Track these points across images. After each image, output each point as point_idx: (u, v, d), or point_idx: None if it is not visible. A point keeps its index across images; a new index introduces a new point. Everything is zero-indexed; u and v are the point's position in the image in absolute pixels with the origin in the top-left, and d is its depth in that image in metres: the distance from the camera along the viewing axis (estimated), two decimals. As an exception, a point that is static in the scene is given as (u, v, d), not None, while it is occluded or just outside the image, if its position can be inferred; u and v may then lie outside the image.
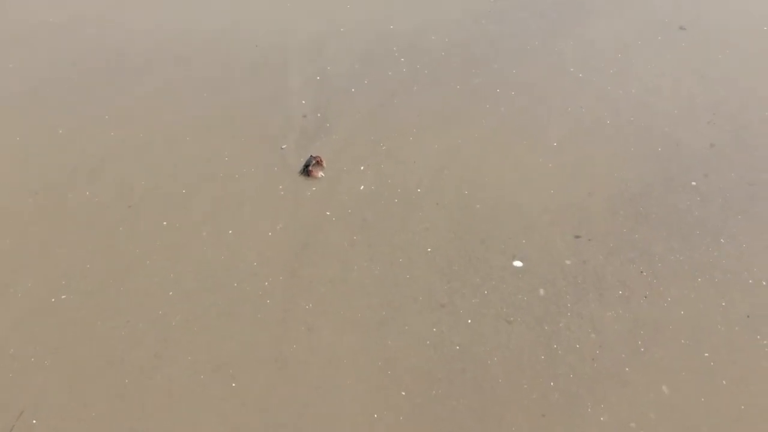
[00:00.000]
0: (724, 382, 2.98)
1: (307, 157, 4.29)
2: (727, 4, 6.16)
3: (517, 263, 3.55)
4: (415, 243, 3.69)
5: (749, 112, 4.68)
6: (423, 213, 3.88)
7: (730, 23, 5.83)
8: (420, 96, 4.93)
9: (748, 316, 3.26)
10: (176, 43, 5.59)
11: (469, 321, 3.24)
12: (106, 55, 5.39)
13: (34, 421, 2.84)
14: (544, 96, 4.92)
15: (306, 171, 4.24)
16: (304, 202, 3.96)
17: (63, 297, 3.32)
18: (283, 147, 4.42)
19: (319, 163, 4.27)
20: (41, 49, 5.46)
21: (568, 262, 3.56)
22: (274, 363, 3.05)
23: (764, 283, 3.43)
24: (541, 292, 3.39)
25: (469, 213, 3.87)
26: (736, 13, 5.99)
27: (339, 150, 4.37)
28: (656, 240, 3.69)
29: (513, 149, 4.38)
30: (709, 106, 4.76)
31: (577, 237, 3.71)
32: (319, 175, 4.22)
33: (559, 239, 3.70)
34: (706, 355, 3.09)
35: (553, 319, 3.24)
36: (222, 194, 4.00)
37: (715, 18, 5.92)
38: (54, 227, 3.75)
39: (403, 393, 2.95)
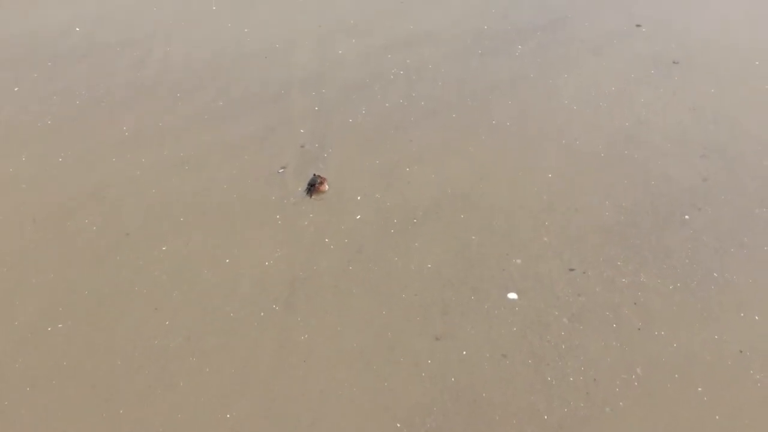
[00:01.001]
0: (717, 417, 3.00)
1: (311, 176, 4.36)
2: (720, 38, 6.27)
3: (512, 295, 3.57)
4: (411, 274, 3.71)
5: (741, 146, 4.75)
6: (419, 243, 3.91)
7: (723, 58, 5.93)
8: (417, 126, 4.98)
9: (740, 351, 3.28)
10: (175, 73, 5.66)
11: (464, 353, 3.25)
12: (107, 83, 5.44)
13: (28, 452, 2.84)
14: (539, 127, 4.98)
15: (310, 190, 4.30)
16: (300, 231, 3.99)
17: (59, 325, 3.33)
18: (280, 171, 4.46)
19: (322, 182, 4.34)
20: (46, 74, 5.52)
21: (562, 294, 3.59)
22: (269, 394, 3.05)
23: (756, 317, 3.46)
24: (536, 324, 3.41)
25: (465, 244, 3.91)
26: (728, 48, 6.10)
27: (336, 179, 4.41)
28: (649, 274, 3.73)
29: (508, 181, 4.42)
30: (701, 140, 4.83)
31: (572, 270, 3.75)
32: (325, 188, 4.30)
33: (554, 272, 3.73)
34: (700, 389, 3.11)
35: (547, 352, 3.26)
36: (219, 223, 4.03)
37: (707, 53, 6.02)
38: (52, 254, 3.77)
39: (398, 425, 2.95)
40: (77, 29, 6.32)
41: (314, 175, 4.38)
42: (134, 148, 4.65)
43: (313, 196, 4.28)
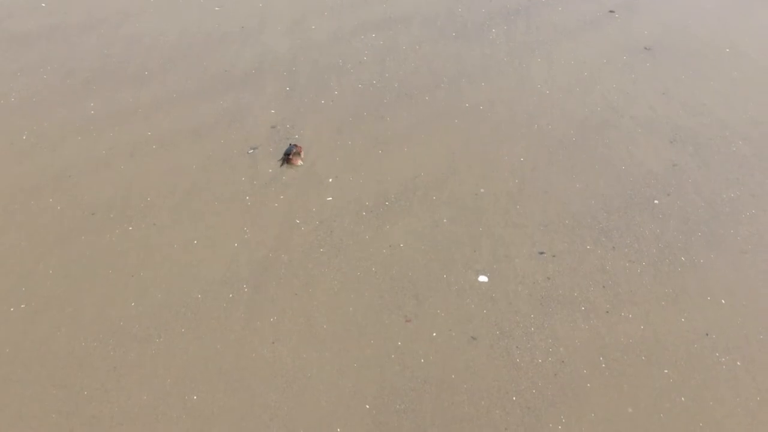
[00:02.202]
0: (683, 398, 3.03)
1: (287, 146, 4.38)
2: (692, 26, 6.32)
3: (483, 278, 3.57)
4: (382, 256, 3.69)
5: (711, 132, 4.80)
6: (390, 226, 3.89)
7: (694, 45, 5.98)
8: (390, 108, 4.95)
9: (706, 334, 3.32)
10: (143, 52, 5.54)
11: (434, 335, 3.25)
12: (73, 61, 5.31)
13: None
14: (512, 111, 4.98)
15: (286, 159, 4.30)
16: (270, 212, 3.94)
17: (22, 306, 3.25)
18: (250, 151, 4.40)
19: (298, 152, 4.33)
20: (11, 51, 5.36)
21: (531, 277, 3.60)
22: (237, 376, 3.01)
23: (723, 301, 3.51)
24: (505, 307, 3.41)
25: (436, 227, 3.89)
26: (699, 35, 6.15)
27: (307, 161, 4.36)
28: (618, 257, 3.75)
29: (480, 164, 4.42)
30: (672, 125, 4.87)
31: (541, 253, 3.76)
32: (299, 163, 4.30)
33: (524, 255, 3.74)
34: (666, 371, 3.14)
35: (516, 335, 3.27)
36: (188, 203, 3.96)
37: (679, 40, 6.07)
38: (15, 234, 3.67)
39: (367, 406, 2.94)
40: (43, 5, 6.15)
41: (290, 144, 4.38)
42: (100, 128, 4.54)
43: (285, 166, 4.29)
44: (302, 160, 4.33)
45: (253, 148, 4.45)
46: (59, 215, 3.82)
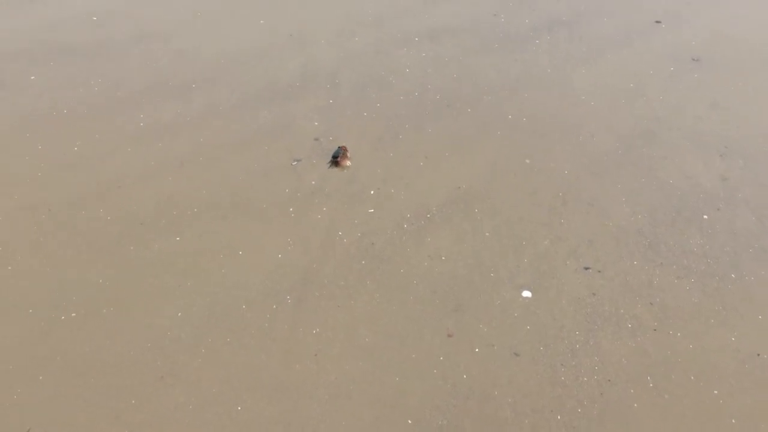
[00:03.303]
0: (733, 420, 2.95)
1: (335, 149, 4.51)
2: (740, 35, 6.19)
3: (526, 293, 3.54)
4: (423, 269, 3.68)
5: (761, 145, 4.68)
6: (432, 238, 3.89)
7: (743, 55, 5.85)
8: (431, 121, 4.95)
9: (758, 354, 3.23)
10: (190, 65, 5.65)
11: (477, 350, 3.22)
12: (123, 74, 5.45)
13: (39, 440, 2.85)
14: (555, 123, 4.94)
15: (335, 161, 4.42)
16: (313, 224, 3.97)
17: (73, 314, 3.33)
18: (294, 163, 4.45)
19: (345, 154, 4.44)
20: (63, 64, 5.53)
21: (576, 293, 3.55)
22: (280, 388, 3.03)
23: (774, 320, 3.41)
24: (549, 322, 3.37)
25: (479, 240, 3.87)
26: (748, 45, 6.01)
27: (349, 173, 4.39)
28: (665, 273, 3.68)
29: (523, 177, 4.39)
30: (721, 138, 4.76)
31: (587, 268, 3.70)
32: (347, 164, 4.43)
33: (569, 269, 3.69)
34: (715, 392, 3.06)
35: (560, 352, 3.22)
36: (233, 215, 4.02)
37: (727, 50, 5.94)
38: (66, 244, 3.77)
39: (409, 421, 2.93)
40: (94, 18, 6.33)
41: (338, 147, 4.49)
42: (149, 139, 4.64)
43: (332, 167, 4.43)
44: (350, 161, 4.44)
45: (297, 160, 4.50)
46: (109, 224, 3.91)
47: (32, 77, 5.30)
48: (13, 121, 4.79)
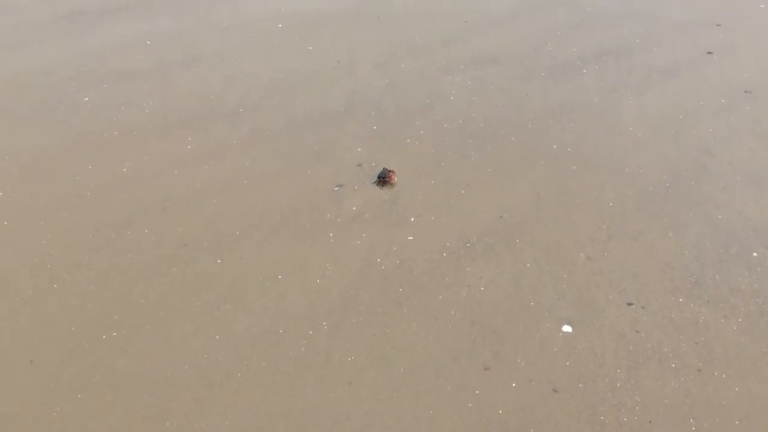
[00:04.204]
0: (781, 470, 2.83)
1: (380, 170, 4.58)
2: (796, 68, 6.03)
3: (567, 328, 3.47)
4: (461, 299, 3.65)
5: (817, 182, 4.53)
6: (471, 268, 3.85)
7: (799, 88, 5.70)
8: (474, 148, 4.94)
9: (809, 400, 3.09)
10: (239, 89, 5.77)
11: (514, 385, 3.16)
12: (173, 96, 5.60)
13: (77, 456, 2.89)
14: (600, 153, 4.87)
15: (382, 181, 4.52)
16: (352, 250, 3.98)
17: (114, 334, 3.39)
18: (336, 189, 4.48)
19: (392, 175, 4.53)
20: (116, 86, 5.72)
21: (618, 329, 3.46)
22: (314, 416, 3.02)
23: (828, 365, 3.26)
24: (590, 359, 3.29)
25: (519, 271, 3.82)
26: (805, 78, 5.85)
27: (390, 199, 4.40)
28: (712, 311, 3.56)
29: (566, 208, 4.33)
30: (773, 173, 4.63)
31: (630, 304, 3.62)
32: (395, 180, 4.54)
33: (611, 305, 3.61)
34: (763, 439, 2.94)
35: (600, 389, 3.14)
36: (274, 238, 4.06)
37: (782, 82, 5.79)
38: (110, 263, 3.85)
39: (442, 455, 2.89)
40: (148, 42, 6.54)
41: (384, 168, 4.56)
42: (196, 162, 4.74)
43: (384, 188, 4.51)
44: (396, 179, 4.57)
45: (339, 186, 4.53)
46: (152, 245, 3.99)
47: (86, 99, 5.49)
48: (65, 141, 4.96)
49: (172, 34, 6.75)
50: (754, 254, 3.95)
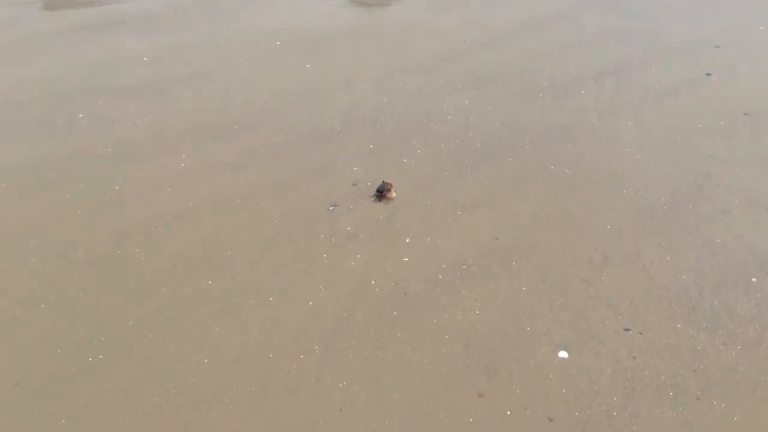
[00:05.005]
0: (782, 504, 2.76)
1: (380, 183, 4.57)
2: (795, 90, 6.01)
3: (563, 354, 3.40)
4: (457, 322, 3.59)
5: (816, 206, 4.48)
6: (467, 291, 3.79)
7: (798, 111, 5.67)
8: (471, 169, 4.90)
9: (810, 431, 3.03)
10: (235, 107, 5.74)
11: (509, 413, 3.09)
12: (169, 113, 5.57)
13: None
14: (598, 175, 4.83)
15: (379, 196, 4.50)
16: (346, 271, 3.93)
17: (100, 356, 3.33)
18: (331, 208, 4.44)
19: (390, 189, 4.51)
20: (112, 102, 5.68)
21: (615, 355, 3.40)
22: (303, 442, 2.96)
23: (830, 395, 3.19)
24: (586, 386, 3.23)
25: (515, 295, 3.77)
26: (804, 101, 5.83)
27: (385, 220, 4.35)
28: (710, 338, 3.50)
29: (563, 230, 4.28)
30: (772, 197, 4.58)
31: (627, 329, 3.55)
32: (393, 195, 4.53)
33: (608, 330, 3.55)
34: (763, 471, 2.88)
35: (596, 418, 3.07)
36: (267, 259, 4.01)
37: (781, 104, 5.77)
38: (99, 283, 3.80)
39: (434, 485, 2.82)
40: (145, 59, 6.52)
41: (383, 182, 4.53)
42: (189, 180, 4.70)
43: (382, 201, 4.51)
44: (394, 194, 4.56)
45: (334, 205, 4.49)
46: (142, 265, 3.94)
47: (80, 115, 5.45)
48: (59, 157, 4.92)
49: (169, 49, 6.74)
50: (753, 279, 3.89)
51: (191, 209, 4.42)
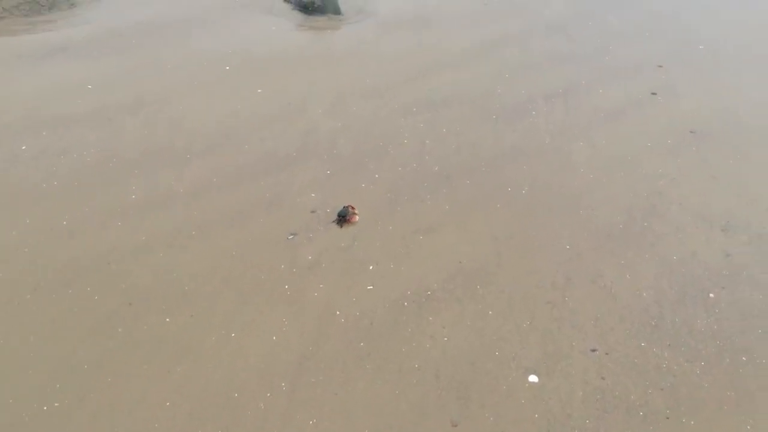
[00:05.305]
0: None
1: (341, 208, 4.52)
2: (736, 109, 6.22)
3: (533, 378, 3.39)
4: (424, 351, 3.54)
5: (764, 220, 4.62)
6: (433, 317, 3.75)
7: (740, 128, 5.87)
8: (430, 192, 4.88)
9: (777, 445, 3.08)
10: (185, 135, 5.59)
11: (483, 442, 3.06)
12: (116, 144, 5.38)
13: None
14: (555, 196, 4.87)
15: (341, 221, 4.45)
16: (310, 302, 3.84)
17: (56, 404, 3.14)
18: (290, 237, 4.34)
19: (353, 213, 4.47)
20: (55, 133, 5.45)
21: (584, 377, 3.40)
22: (274, 485, 2.85)
23: (792, 407, 3.26)
24: (558, 410, 3.21)
25: (481, 320, 3.74)
26: (745, 118, 6.04)
27: (347, 247, 4.28)
28: (674, 355, 3.55)
29: (525, 252, 4.29)
30: (722, 213, 4.70)
31: (593, 350, 3.57)
32: (356, 220, 4.46)
33: (575, 351, 3.56)
34: (736, 488, 2.90)
35: (571, 443, 3.06)
36: (226, 293, 3.88)
37: (725, 123, 5.96)
38: (51, 325, 3.60)
39: None
40: (89, 87, 6.30)
41: (344, 206, 4.49)
42: (141, 213, 4.53)
43: (343, 227, 4.43)
44: (357, 218, 4.50)
45: (293, 234, 4.39)
46: (96, 304, 3.75)
47: (23, 147, 5.20)
48: (1, 193, 4.66)
49: (114, 76, 6.53)
50: (711, 295, 3.97)
51: (144, 244, 4.24)
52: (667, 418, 3.20)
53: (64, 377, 3.29)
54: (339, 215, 4.48)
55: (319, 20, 8.50)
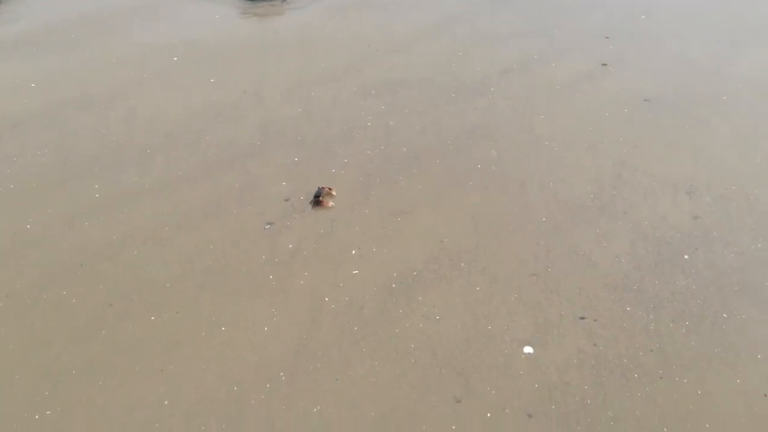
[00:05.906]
0: (754, 467, 2.90)
1: (316, 189, 4.49)
2: (684, 77, 6.42)
3: (528, 349, 3.43)
4: (418, 331, 3.53)
5: (724, 182, 4.79)
6: (423, 297, 3.75)
7: (691, 95, 6.06)
8: (401, 174, 4.86)
9: (765, 395, 3.21)
10: (142, 129, 5.40)
11: (488, 415, 3.08)
12: (70, 142, 5.15)
13: None
14: (524, 170, 4.93)
15: (317, 202, 4.40)
16: (297, 291, 3.78)
17: (48, 412, 3.00)
18: (267, 227, 4.26)
19: (329, 192, 4.42)
20: (5, 135, 5.18)
21: (577, 344, 3.47)
22: (287, 476, 2.80)
23: (774, 357, 3.41)
24: (556, 379, 3.27)
25: (471, 296, 3.76)
26: (694, 85, 6.24)
27: (327, 233, 4.23)
28: (660, 317, 3.65)
29: (502, 226, 4.33)
30: (685, 176, 4.85)
31: (582, 318, 3.64)
32: (330, 205, 4.39)
33: (565, 321, 3.62)
34: (732, 438, 3.02)
35: (572, 409, 3.12)
36: (209, 288, 3.78)
37: (675, 90, 6.14)
38: (31, 333, 3.43)
39: (428, 501, 2.75)
40: (33, 85, 6.01)
41: (320, 188, 4.46)
42: (108, 212, 4.35)
43: (320, 208, 4.43)
44: (333, 200, 4.46)
45: (270, 224, 4.30)
46: (75, 309, 3.60)
47: (-28, 151, 4.94)
48: (-46, 200, 4.41)
49: (58, 73, 6.25)
50: (686, 257, 4.10)
51: (116, 243, 4.09)
52: (661, 378, 3.30)
53: (52, 384, 3.15)
54: (315, 196, 4.45)
55: (262, 6, 8.35)
